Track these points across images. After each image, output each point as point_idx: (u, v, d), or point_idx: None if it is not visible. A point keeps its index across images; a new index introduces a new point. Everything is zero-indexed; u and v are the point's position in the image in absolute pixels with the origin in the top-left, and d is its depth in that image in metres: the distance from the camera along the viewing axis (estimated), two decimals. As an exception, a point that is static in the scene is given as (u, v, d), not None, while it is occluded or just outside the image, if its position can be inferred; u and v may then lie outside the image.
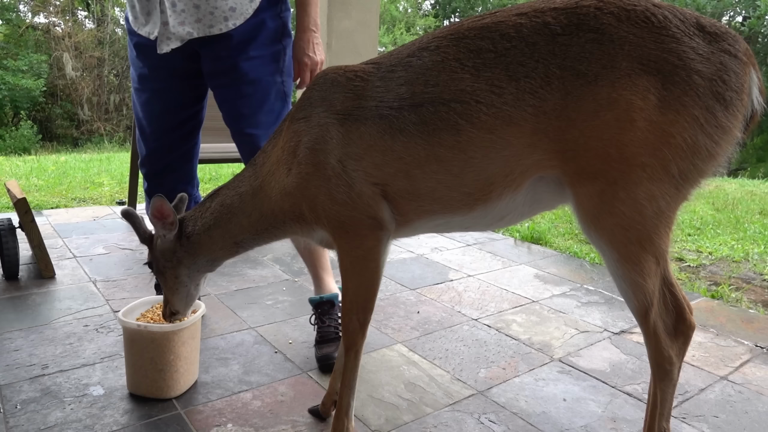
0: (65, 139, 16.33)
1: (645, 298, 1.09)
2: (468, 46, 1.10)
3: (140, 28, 1.70)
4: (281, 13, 1.77)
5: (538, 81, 1.04)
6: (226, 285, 2.46)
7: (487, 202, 1.16)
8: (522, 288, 2.58)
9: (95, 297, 2.27)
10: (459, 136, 1.10)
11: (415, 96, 1.13)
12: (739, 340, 2.08)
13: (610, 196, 1.04)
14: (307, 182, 1.24)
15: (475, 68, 1.08)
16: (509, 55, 1.06)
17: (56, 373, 1.67)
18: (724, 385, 1.75)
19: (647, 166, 1.01)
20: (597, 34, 1.01)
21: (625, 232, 1.05)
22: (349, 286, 1.29)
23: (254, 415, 1.51)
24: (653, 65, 0.99)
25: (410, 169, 1.16)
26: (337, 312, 1.88)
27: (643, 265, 1.07)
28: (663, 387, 1.16)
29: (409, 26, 21.13)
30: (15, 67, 15.24)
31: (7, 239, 2.39)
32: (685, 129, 0.99)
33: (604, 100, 1.00)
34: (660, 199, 1.03)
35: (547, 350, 1.95)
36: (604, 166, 1.03)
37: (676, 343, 1.14)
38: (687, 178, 1.03)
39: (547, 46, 1.03)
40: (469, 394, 1.65)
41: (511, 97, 1.05)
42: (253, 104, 1.75)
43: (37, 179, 4.81)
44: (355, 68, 1.24)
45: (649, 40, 0.99)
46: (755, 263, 3.15)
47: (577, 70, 1.01)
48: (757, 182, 6.94)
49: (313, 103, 1.26)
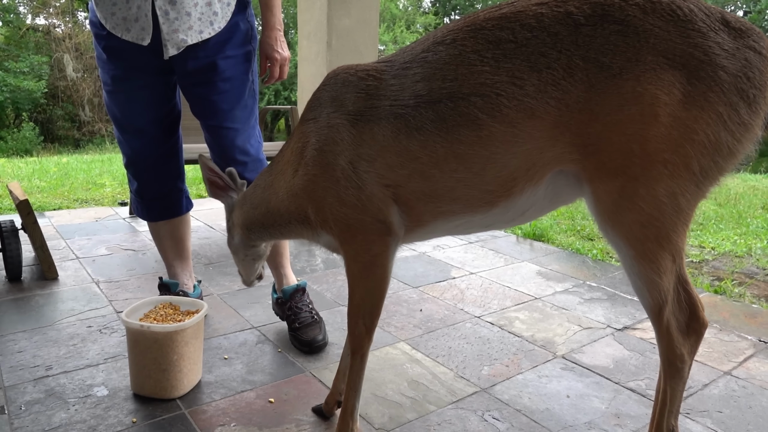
0: (67, 141, 16.36)
1: (660, 296, 1.08)
2: (486, 37, 1.06)
3: (123, 34, 1.72)
4: (249, 17, 1.87)
5: (561, 72, 1.01)
6: (228, 285, 2.47)
7: (509, 198, 1.13)
8: (524, 285, 2.58)
9: (98, 298, 2.27)
10: (480, 131, 1.06)
11: (432, 92, 1.09)
12: (742, 335, 2.08)
13: (630, 193, 1.02)
14: (314, 184, 1.23)
15: (495, 60, 1.05)
16: (530, 46, 1.03)
17: (60, 374, 1.68)
18: (727, 381, 1.75)
19: (669, 163, 0.99)
20: (622, 26, 0.98)
21: (643, 229, 1.03)
22: (356, 292, 1.27)
23: (258, 414, 1.51)
24: (678, 60, 0.96)
25: (427, 169, 1.13)
26: (308, 297, 2.04)
27: (660, 263, 1.05)
28: (673, 385, 1.14)
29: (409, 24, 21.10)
30: (16, 68, 15.27)
31: (10, 241, 2.39)
32: (708, 126, 0.97)
33: (628, 93, 0.98)
34: (680, 196, 1.01)
35: (550, 347, 1.95)
36: (625, 161, 1.01)
37: (688, 341, 1.13)
38: (707, 175, 1.01)
39: (570, 37, 1.00)
40: (472, 391, 1.65)
41: (533, 89, 1.02)
42: (231, 100, 1.84)
43: (39, 181, 4.82)
44: (367, 67, 1.21)
45: (675, 34, 0.97)
46: (758, 258, 3.14)
47: (601, 63, 0.99)
48: (759, 177, 6.92)
49: (322, 103, 1.24)
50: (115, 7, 1.70)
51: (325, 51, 3.67)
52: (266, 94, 17.91)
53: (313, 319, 1.94)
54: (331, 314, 2.17)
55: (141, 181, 1.94)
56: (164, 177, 1.95)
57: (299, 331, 1.90)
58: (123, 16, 1.70)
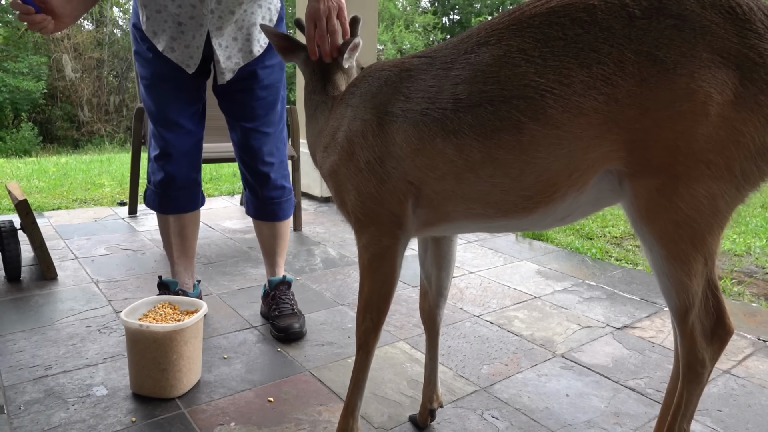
0: (66, 141, 16.35)
1: (688, 299, 1.06)
2: (534, 35, 1.03)
3: (168, 52, 1.82)
4: (282, 28, 2.01)
5: (612, 67, 0.97)
6: (227, 284, 2.47)
7: (548, 204, 1.09)
8: (524, 284, 2.58)
9: (97, 298, 2.27)
10: (521, 135, 1.03)
11: (472, 96, 1.06)
12: (741, 333, 2.08)
13: (670, 191, 1.00)
14: (338, 167, 1.24)
15: (542, 59, 1.01)
16: (581, 42, 0.99)
17: (59, 373, 1.68)
18: (727, 379, 1.75)
19: (712, 164, 0.97)
20: (679, 20, 0.96)
21: (678, 229, 1.01)
22: (365, 284, 1.27)
23: (257, 413, 1.51)
24: (733, 59, 0.94)
25: (462, 173, 1.10)
26: (292, 293, 2.12)
27: (692, 265, 1.03)
28: (690, 389, 1.12)
29: (408, 23, 21.09)
30: (15, 69, 15.25)
31: (9, 241, 2.39)
32: (756, 129, 0.95)
33: (681, 89, 0.95)
34: (719, 198, 0.99)
35: (549, 346, 1.95)
36: (669, 158, 0.98)
37: (712, 347, 1.10)
38: (749, 179, 0.99)
39: (623, 30, 0.97)
40: (471, 390, 1.65)
41: (581, 86, 0.99)
42: (266, 106, 1.98)
43: (38, 181, 4.82)
44: (409, 65, 1.19)
45: (732, 33, 0.95)
46: (757, 257, 3.15)
47: (655, 56, 0.96)
48: (758, 176, 6.91)
49: (364, 94, 1.23)
50: (166, 25, 1.79)
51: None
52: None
53: (293, 311, 2.02)
54: (330, 313, 2.17)
55: (168, 173, 1.98)
56: (190, 169, 2.03)
57: (277, 319, 1.98)
58: (172, 36, 1.80)
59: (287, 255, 2.90)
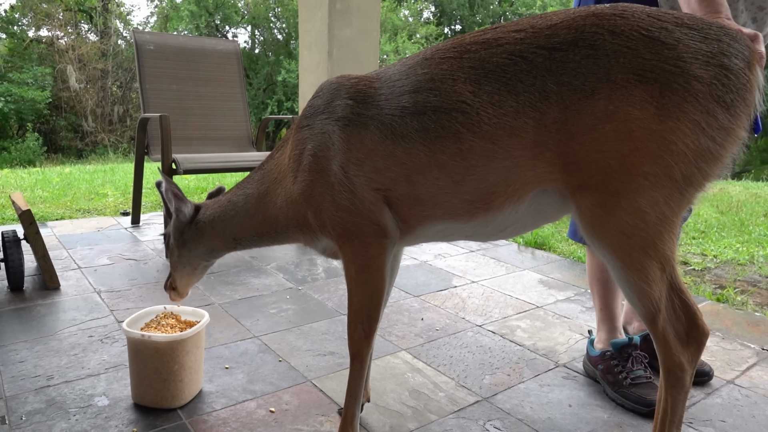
0: (70, 151, 16.43)
1: (651, 304, 1.09)
2: (471, 61, 1.12)
3: None
4: None
5: (537, 96, 1.05)
6: (229, 294, 2.47)
7: (488, 212, 1.17)
8: (526, 293, 2.57)
9: (100, 307, 2.28)
10: (461, 144, 1.11)
11: (417, 104, 1.15)
12: (745, 343, 2.07)
13: (612, 206, 1.04)
14: (312, 189, 1.26)
15: (477, 81, 1.10)
16: (509, 72, 1.08)
17: (61, 383, 1.68)
18: (730, 389, 1.74)
19: (650, 174, 1.01)
20: (592, 50, 1.02)
21: (628, 240, 1.05)
22: (355, 295, 1.29)
23: (259, 423, 1.51)
24: (650, 75, 0.99)
25: (412, 175, 1.17)
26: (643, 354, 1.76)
27: (648, 272, 1.06)
28: (674, 394, 1.14)
29: (411, 34, 21.20)
30: (20, 79, 15.36)
31: (12, 251, 2.40)
32: (686, 135, 0.99)
33: (601, 112, 1.01)
34: (663, 204, 1.03)
35: (551, 356, 1.94)
36: (605, 177, 1.03)
37: (688, 350, 1.13)
38: (691, 182, 1.02)
39: (545, 63, 1.05)
40: (473, 400, 1.65)
41: (512, 110, 1.07)
42: None
43: (42, 191, 4.84)
44: (360, 77, 1.27)
45: (645, 51, 0.99)
46: (761, 266, 3.14)
47: (574, 85, 1.03)
48: (761, 185, 6.92)
49: (316, 111, 1.28)
50: None
51: (326, 61, 3.68)
52: (269, 105, 17.98)
53: (648, 379, 1.67)
54: (332, 323, 2.16)
55: None
56: None
57: (632, 388, 1.64)
58: None
59: (290, 264, 2.91)
